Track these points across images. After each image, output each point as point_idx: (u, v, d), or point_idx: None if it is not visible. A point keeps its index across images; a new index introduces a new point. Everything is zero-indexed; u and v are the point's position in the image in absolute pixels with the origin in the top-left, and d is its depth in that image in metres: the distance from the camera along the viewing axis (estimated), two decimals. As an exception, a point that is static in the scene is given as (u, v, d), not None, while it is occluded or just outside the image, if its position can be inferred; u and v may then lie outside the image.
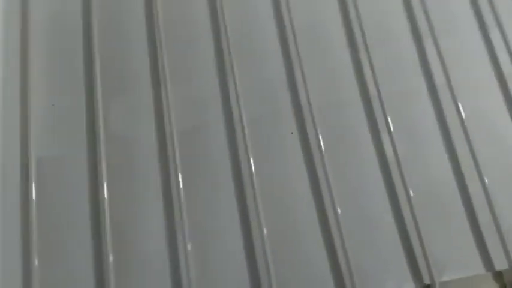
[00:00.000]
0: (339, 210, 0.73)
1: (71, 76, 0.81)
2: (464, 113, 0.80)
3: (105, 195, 0.72)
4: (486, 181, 0.76)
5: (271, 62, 0.84)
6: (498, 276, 0.75)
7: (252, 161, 0.76)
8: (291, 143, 0.79)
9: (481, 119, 0.80)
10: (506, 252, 0.72)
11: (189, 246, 0.70)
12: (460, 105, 0.80)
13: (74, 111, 0.79)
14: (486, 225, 0.74)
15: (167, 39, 0.83)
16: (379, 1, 0.88)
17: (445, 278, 0.71)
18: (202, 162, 0.77)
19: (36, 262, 0.68)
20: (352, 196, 0.75)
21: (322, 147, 0.77)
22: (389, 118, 0.79)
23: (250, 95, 0.80)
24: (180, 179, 0.74)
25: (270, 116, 0.80)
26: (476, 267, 0.73)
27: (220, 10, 0.86)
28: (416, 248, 0.73)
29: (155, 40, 0.84)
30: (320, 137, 0.77)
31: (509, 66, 0.83)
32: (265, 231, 0.72)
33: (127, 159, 0.76)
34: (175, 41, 0.84)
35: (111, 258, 0.69)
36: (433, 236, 0.73)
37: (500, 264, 0.72)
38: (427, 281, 0.71)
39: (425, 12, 0.86)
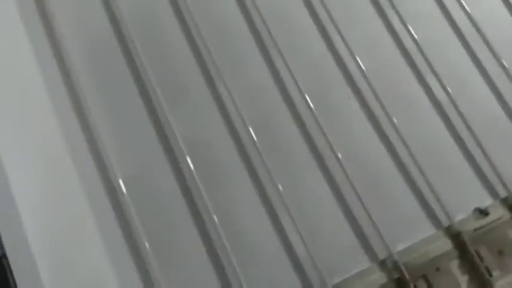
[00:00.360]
0: (415, 156, 0.81)
1: (127, 98, 0.82)
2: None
3: (198, 183, 0.77)
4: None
5: (312, 39, 0.89)
6: None
7: (322, 128, 0.82)
8: (349, 106, 0.85)
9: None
10: None
11: (287, 212, 0.76)
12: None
13: (142, 129, 0.80)
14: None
15: (207, 39, 0.85)
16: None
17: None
18: (277, 141, 0.82)
19: (152, 264, 0.71)
20: (418, 138, 0.83)
21: (384, 104, 0.84)
22: (432, 64, 0.87)
23: (303, 73, 0.85)
24: (262, 156, 0.79)
25: (327, 87, 0.86)
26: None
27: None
28: (485, 167, 0.82)
29: (196, 43, 0.85)
30: (380, 98, 0.84)
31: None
32: (349, 175, 0.79)
33: (207, 156, 0.80)
34: (214, 38, 0.86)
35: (220, 233, 0.74)
36: (498, 155, 0.83)
37: None
38: (503, 195, 0.81)
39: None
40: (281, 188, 0.77)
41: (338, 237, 0.78)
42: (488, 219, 0.79)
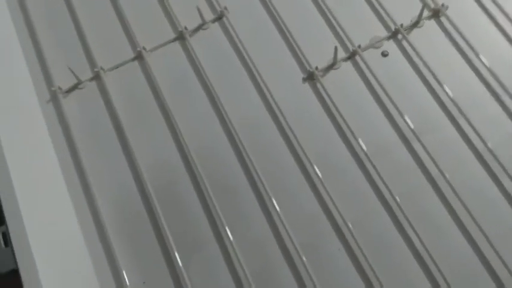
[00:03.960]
0: None
1: (150, 252, 1.02)
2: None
3: None
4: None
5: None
6: None
7: (313, 278, 0.95)
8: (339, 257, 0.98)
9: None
10: None
11: None
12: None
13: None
14: None
15: (216, 200, 1.04)
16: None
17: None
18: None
19: None
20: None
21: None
22: (409, 217, 1.00)
23: (296, 225, 1.01)
24: None
25: (318, 239, 1.00)
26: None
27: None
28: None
29: (209, 206, 1.04)
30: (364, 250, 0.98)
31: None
32: None
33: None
34: (222, 199, 1.05)
35: None
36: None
37: None
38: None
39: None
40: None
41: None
42: None
